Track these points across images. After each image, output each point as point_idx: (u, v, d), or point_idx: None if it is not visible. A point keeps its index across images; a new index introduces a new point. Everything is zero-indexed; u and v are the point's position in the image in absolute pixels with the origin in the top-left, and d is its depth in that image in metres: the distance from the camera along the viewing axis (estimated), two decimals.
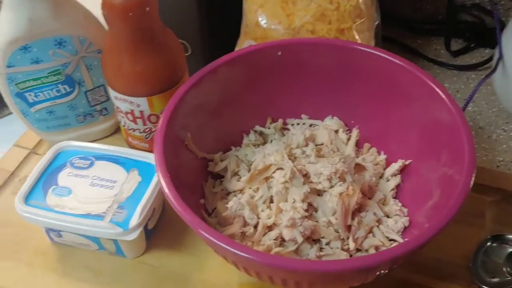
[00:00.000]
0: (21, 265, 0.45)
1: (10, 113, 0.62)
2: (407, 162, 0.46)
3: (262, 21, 0.55)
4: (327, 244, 0.41)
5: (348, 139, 0.49)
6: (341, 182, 0.42)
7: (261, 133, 0.50)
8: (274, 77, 0.49)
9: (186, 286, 0.44)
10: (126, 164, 0.46)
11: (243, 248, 0.33)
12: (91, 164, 0.46)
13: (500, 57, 0.56)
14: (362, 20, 0.52)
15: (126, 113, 0.49)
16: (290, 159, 0.44)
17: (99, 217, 0.42)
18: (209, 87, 0.46)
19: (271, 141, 0.49)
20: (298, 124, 0.51)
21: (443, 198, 0.39)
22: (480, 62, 0.65)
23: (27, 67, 0.47)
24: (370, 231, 0.42)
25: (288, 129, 0.51)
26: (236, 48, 0.59)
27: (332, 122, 0.50)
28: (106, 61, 0.47)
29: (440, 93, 0.42)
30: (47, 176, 0.46)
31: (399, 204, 0.44)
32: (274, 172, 0.43)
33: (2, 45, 0.45)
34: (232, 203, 0.42)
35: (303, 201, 0.41)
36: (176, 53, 0.48)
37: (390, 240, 0.42)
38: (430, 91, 0.43)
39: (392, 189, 0.46)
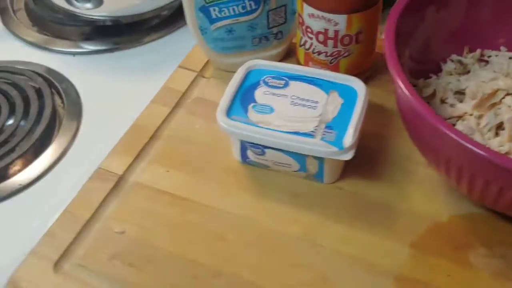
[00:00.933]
0: (213, 182, 0.44)
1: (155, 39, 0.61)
2: None
3: None
4: None
5: None
6: None
7: (459, 62, 0.46)
8: (474, 2, 0.45)
9: (391, 215, 0.42)
10: (323, 85, 0.44)
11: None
12: (286, 84, 0.44)
13: None
14: None
15: (318, 33, 0.46)
16: None
17: (309, 135, 0.40)
18: (416, 8, 0.42)
19: (472, 71, 0.46)
20: (496, 56, 0.47)
21: None
22: None
23: None
24: None
25: (485, 61, 0.47)
26: None
27: None
28: None
29: None
30: (243, 94, 0.44)
31: None
32: (503, 98, 0.40)
33: None
34: (461, 127, 0.39)
35: None
36: None
37: None
38: None
39: None
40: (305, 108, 0.42)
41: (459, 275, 0.38)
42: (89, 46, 0.63)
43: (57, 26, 0.65)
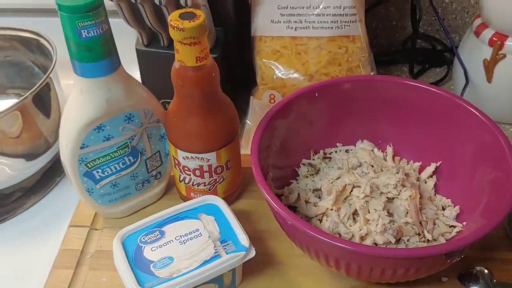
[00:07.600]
0: None
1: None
2: (438, 164, 0.56)
3: (279, 73, 0.63)
4: (408, 241, 0.49)
5: (385, 155, 0.58)
6: (405, 188, 0.51)
7: (310, 165, 0.57)
8: (313, 116, 0.57)
9: None
10: (189, 215, 0.51)
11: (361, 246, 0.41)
12: (161, 233, 0.49)
13: (465, 70, 0.69)
14: (365, 57, 0.63)
15: (194, 169, 0.54)
16: None
17: (216, 257, 0.47)
18: (270, 129, 0.52)
19: (321, 169, 0.57)
20: (336, 151, 0.59)
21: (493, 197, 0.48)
22: (437, 80, 0.78)
23: (99, 145, 0.51)
24: (434, 223, 0.51)
25: (328, 157, 0.59)
26: (255, 100, 0.66)
27: (364, 145, 0.59)
28: (175, 127, 0.52)
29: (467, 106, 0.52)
30: (136, 263, 0.47)
31: (443, 197, 0.54)
32: (351, 191, 0.50)
33: (79, 127, 0.49)
34: (328, 224, 0.49)
35: (383, 209, 0.49)
36: (233, 107, 0.54)
37: (451, 226, 0.51)
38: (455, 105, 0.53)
39: (432, 188, 0.55)
40: (194, 240, 0.48)
41: None
42: None
43: None
